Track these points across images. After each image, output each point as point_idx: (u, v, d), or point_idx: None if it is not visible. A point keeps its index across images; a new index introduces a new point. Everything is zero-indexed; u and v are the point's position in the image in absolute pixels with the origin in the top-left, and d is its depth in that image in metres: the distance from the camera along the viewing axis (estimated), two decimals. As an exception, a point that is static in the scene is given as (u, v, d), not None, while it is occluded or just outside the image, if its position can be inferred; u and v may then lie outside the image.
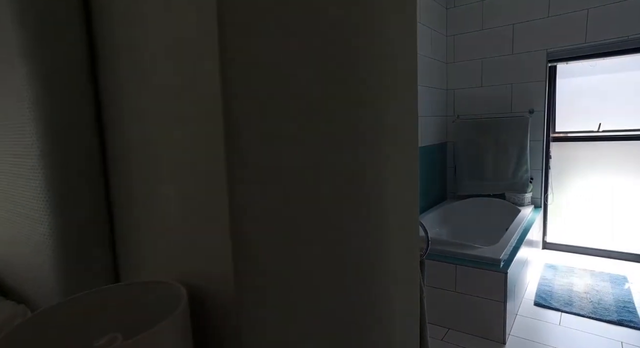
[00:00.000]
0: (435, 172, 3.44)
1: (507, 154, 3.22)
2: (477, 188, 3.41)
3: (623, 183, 3.05)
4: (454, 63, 3.49)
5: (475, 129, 3.36)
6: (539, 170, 3.21)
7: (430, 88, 3.24)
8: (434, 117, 3.35)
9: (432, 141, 3.33)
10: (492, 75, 3.30)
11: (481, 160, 3.35)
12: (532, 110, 3.15)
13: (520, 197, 3.19)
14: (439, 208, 3.31)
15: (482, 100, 3.38)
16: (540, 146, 3.18)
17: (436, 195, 3.52)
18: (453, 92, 3.53)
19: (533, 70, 3.11)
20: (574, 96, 3.19)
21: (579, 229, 3.24)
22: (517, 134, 3.17)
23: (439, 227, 3.23)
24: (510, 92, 3.24)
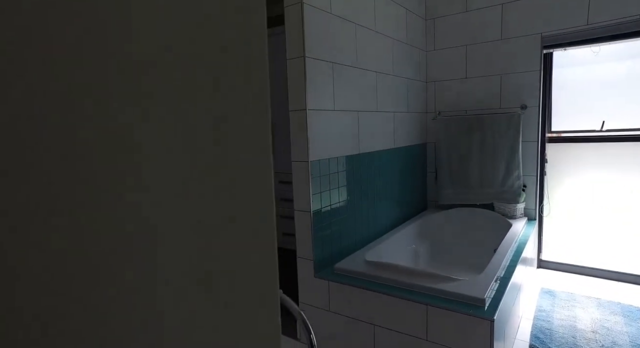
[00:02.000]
0: (413, 177, 2.94)
1: (496, 157, 2.74)
2: (461, 197, 2.91)
3: (633, 192, 2.58)
4: (434, 51, 3.00)
5: (458, 128, 2.87)
6: (533, 176, 2.73)
7: (407, 80, 2.75)
8: (411, 113, 2.85)
9: (409, 141, 2.84)
10: (478, 64, 2.82)
11: (466, 165, 2.86)
12: (524, 106, 2.67)
13: (512, 207, 2.70)
14: (417, 220, 2.81)
15: (466, 94, 2.89)
16: (534, 148, 2.70)
17: (414, 204, 3.02)
18: (433, 84, 3.04)
19: (526, 59, 2.63)
20: (574, 89, 2.72)
21: (580, 245, 2.76)
22: (508, 133, 2.68)
23: (417, 242, 2.72)
24: (499, 85, 2.76)
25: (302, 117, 1.83)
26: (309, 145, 1.84)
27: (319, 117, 1.90)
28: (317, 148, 1.89)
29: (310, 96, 1.83)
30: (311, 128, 1.85)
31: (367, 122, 2.30)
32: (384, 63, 2.44)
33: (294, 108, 1.87)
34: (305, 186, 1.88)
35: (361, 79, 2.22)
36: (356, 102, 2.18)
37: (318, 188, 1.92)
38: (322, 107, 1.92)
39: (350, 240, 2.20)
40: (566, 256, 2.78)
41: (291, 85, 1.86)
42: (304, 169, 1.86)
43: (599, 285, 2.51)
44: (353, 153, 2.18)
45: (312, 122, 1.85)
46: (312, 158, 1.86)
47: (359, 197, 2.27)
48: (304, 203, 1.89)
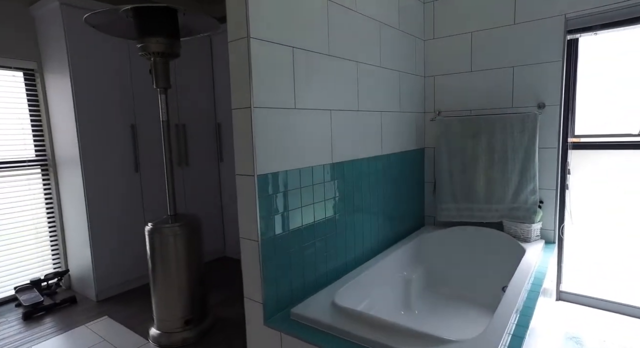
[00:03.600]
0: (407, 189, 2.47)
1: (507, 166, 2.26)
2: (464, 214, 2.44)
3: (676, 212, 2.08)
4: (434, 40, 2.53)
5: (462, 131, 2.39)
6: (552, 190, 2.24)
7: (399, 73, 2.28)
8: (405, 113, 2.39)
9: (403, 146, 2.37)
10: (487, 55, 2.34)
11: (470, 175, 2.39)
12: (542, 105, 2.19)
13: (525, 228, 2.22)
14: (411, 241, 2.34)
15: (472, 90, 2.42)
16: (553, 156, 2.21)
17: (408, 222, 2.55)
18: (433, 79, 2.57)
19: (545, 47, 2.15)
20: (603, 84, 2.22)
21: (609, 276, 2.26)
22: (522, 138, 2.20)
23: (409, 268, 2.26)
24: (511, 79, 2.28)
25: (246, 118, 1.39)
26: (255, 153, 1.40)
27: (273, 117, 1.46)
28: (268, 158, 1.45)
29: (258, 90, 1.39)
30: (260, 132, 1.41)
31: (343, 124, 1.85)
32: (367, 52, 1.99)
33: (236, 105, 1.43)
34: (250, 207, 1.44)
35: (335, 71, 1.77)
36: (328, 99, 1.74)
37: (270, 210, 1.47)
38: (277, 105, 1.48)
39: (319, 271, 1.75)
40: (591, 287, 2.29)
41: (233, 75, 1.42)
42: (249, 186, 1.42)
43: (637, 327, 2.01)
44: (324, 163, 1.74)
45: (260, 124, 1.41)
46: (260, 171, 1.42)
47: (334, 218, 1.82)
48: (250, 229, 1.45)
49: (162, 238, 1.97)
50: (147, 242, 2.00)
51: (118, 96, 2.60)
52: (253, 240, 1.45)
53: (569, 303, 2.28)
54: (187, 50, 3.00)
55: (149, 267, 2.01)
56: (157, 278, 2.00)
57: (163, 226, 1.98)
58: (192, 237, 2.05)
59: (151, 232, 1.98)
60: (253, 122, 1.38)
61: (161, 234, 1.97)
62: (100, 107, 2.51)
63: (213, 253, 3.36)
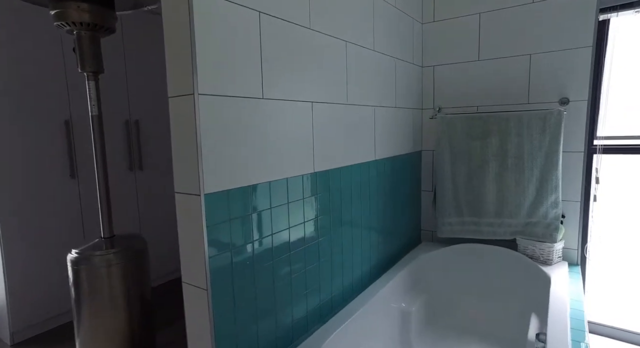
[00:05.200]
0: (403, 200, 2.07)
1: (523, 173, 1.88)
2: (469, 229, 2.06)
3: None
4: (434, 23, 2.14)
5: (468, 131, 2.00)
6: (577, 202, 1.88)
7: (395, 60, 1.87)
8: (402, 109, 1.98)
9: (398, 149, 1.97)
10: (498, 40, 1.96)
11: (478, 183, 2.00)
12: (565, 100, 1.82)
13: (546, 248, 1.85)
14: (407, 264, 1.94)
15: (479, 83, 2.04)
16: (578, 161, 1.85)
17: (404, 237, 2.15)
18: (432, 70, 2.18)
19: (571, 29, 1.78)
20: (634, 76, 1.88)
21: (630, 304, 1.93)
22: (542, 140, 1.83)
23: (407, 298, 1.86)
24: (527, 69, 1.90)
25: (187, 110, 0.95)
26: (201, 162, 0.95)
27: (231, 110, 1.02)
28: (222, 168, 1.01)
29: (205, 68, 0.95)
30: (209, 130, 0.96)
31: (329, 120, 1.42)
32: (358, 30, 1.57)
33: (173, 91, 0.98)
34: (195, 241, 0.99)
35: (319, 50, 1.34)
36: (309, 87, 1.31)
37: (224, 243, 1.03)
38: (238, 92, 1.04)
39: (298, 314, 1.32)
40: (619, 317, 1.95)
41: (169, 46, 0.97)
42: (193, 209, 0.97)
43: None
44: (304, 172, 1.31)
45: (210, 119, 0.97)
46: (209, 188, 0.97)
47: (316, 243, 1.39)
48: (195, 271, 1.01)
49: (90, 271, 1.49)
50: (69, 275, 1.52)
51: (48, 87, 2.09)
52: (200, 288, 1.00)
53: (602, 338, 1.92)
54: (143, 30, 2.51)
55: (73, 308, 1.53)
56: (82, 322, 1.52)
57: (93, 254, 1.51)
58: (134, 266, 1.58)
59: (76, 262, 1.50)
60: (198, 116, 0.93)
61: (90, 265, 1.49)
62: (23, 99, 1.99)
63: (174, 272, 2.88)
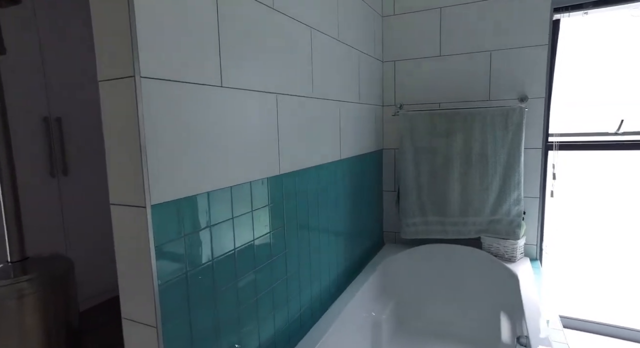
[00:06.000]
0: (365, 201, 1.96)
1: (487, 170, 1.86)
2: (434, 229, 2.00)
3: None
4: (395, 16, 2.06)
5: (431, 129, 1.95)
6: (536, 198, 1.90)
7: (360, 54, 1.75)
8: (365, 105, 1.87)
9: (362, 148, 1.85)
10: (459, 36, 1.92)
11: (442, 182, 1.96)
12: (524, 97, 1.83)
13: (509, 245, 1.84)
14: (377, 269, 1.83)
15: (440, 79, 1.99)
16: (537, 158, 1.87)
17: (368, 240, 2.04)
18: (393, 65, 2.10)
19: (528, 28, 1.79)
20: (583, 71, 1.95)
21: (593, 295, 2.01)
22: (505, 137, 1.82)
23: (377, 306, 1.75)
24: (488, 66, 1.89)
25: (127, 97, 0.73)
26: (146, 164, 0.74)
27: (181, 99, 0.82)
28: (173, 172, 0.80)
29: (148, 44, 0.74)
30: (156, 124, 0.75)
31: (294, 115, 1.25)
32: (323, 17, 1.42)
33: (105, 73, 0.75)
34: (140, 265, 0.77)
35: (283, 35, 1.17)
36: (273, 76, 1.13)
37: (178, 267, 0.82)
38: (190, 77, 0.83)
39: (265, 335, 1.14)
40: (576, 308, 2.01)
41: (98, 18, 0.74)
42: (136, 225, 0.76)
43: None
44: (269, 174, 1.13)
45: (157, 110, 0.76)
46: (158, 197, 0.76)
47: (283, 255, 1.22)
48: (140, 303, 0.79)
49: (-5, 304, 1.18)
50: (-34, 312, 1.19)
51: None
52: (147, 325, 0.78)
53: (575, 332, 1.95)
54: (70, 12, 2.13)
55: (-27, 353, 1.20)
56: (-12, 371, 1.20)
57: (-2, 282, 1.19)
58: (55, 294, 1.29)
59: (-26, 294, 1.18)
60: (141, 105, 0.72)
61: (-6, 297, 1.18)
62: None
63: (111, 290, 2.51)
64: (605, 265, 2.00)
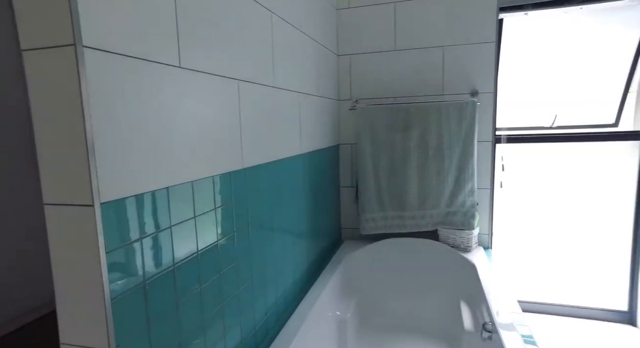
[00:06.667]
0: (324, 196, 1.91)
1: (443, 163, 1.90)
2: (393, 223, 2.01)
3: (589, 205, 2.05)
4: (349, 9, 2.03)
5: (390, 123, 1.95)
6: (487, 189, 1.98)
7: (318, 45, 1.69)
8: (322, 98, 1.82)
9: (320, 142, 1.79)
10: (413, 31, 1.94)
11: (400, 177, 1.96)
12: (475, 92, 1.90)
13: (465, 236, 1.90)
14: (338, 268, 1.78)
15: (396, 73, 2.00)
16: (487, 150, 1.95)
17: (328, 236, 1.99)
18: (348, 58, 2.07)
19: (477, 25, 1.86)
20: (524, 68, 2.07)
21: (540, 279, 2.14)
22: (459, 130, 1.87)
23: (341, 305, 1.70)
24: (441, 61, 1.93)
25: (64, 70, 0.59)
26: (93, 154, 0.61)
27: (135, 77, 0.69)
28: (130, 162, 0.67)
29: (94, 5, 0.61)
30: (105, 104, 0.62)
31: (256, 105, 1.16)
32: (284, 2, 1.33)
33: (34, 41, 0.61)
34: (88, 277, 0.64)
35: (244, 17, 1.07)
36: (235, 60, 1.02)
37: (133, 276, 0.70)
38: (146, 54, 0.71)
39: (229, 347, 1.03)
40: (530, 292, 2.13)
41: (24, -32, 0.60)
42: (84, 227, 0.62)
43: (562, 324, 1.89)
44: (231, 169, 1.02)
45: (105, 87, 0.63)
46: (107, 194, 0.63)
47: (248, 259, 1.12)
48: (87, 325, 0.65)
49: None
50: None
51: None
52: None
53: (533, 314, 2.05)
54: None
55: None
56: None
57: None
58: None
59: None
60: (85, 82, 0.59)
61: None
62: None
63: (40, 307, 2.19)
64: (547, 249, 2.14)
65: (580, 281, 2.07)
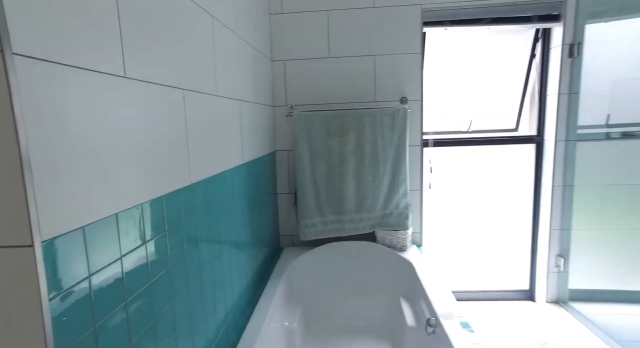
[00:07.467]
0: (263, 205, 1.86)
1: (378, 168, 1.98)
2: (332, 228, 2.04)
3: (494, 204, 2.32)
4: (282, 14, 2.01)
5: (327, 129, 1.97)
6: (418, 191, 2.12)
7: (255, 51, 1.63)
8: (260, 105, 1.76)
9: (256, 152, 1.74)
10: (346, 39, 2.00)
11: (338, 181, 2.00)
12: (404, 99, 2.02)
13: (401, 236, 2.01)
14: (281, 277, 1.75)
15: (331, 80, 2.03)
16: (417, 154, 2.09)
17: (268, 246, 1.95)
18: (283, 64, 2.05)
19: (404, 36, 1.98)
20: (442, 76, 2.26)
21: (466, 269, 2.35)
22: (392, 135, 1.97)
23: (288, 315, 1.68)
24: (373, 69, 2.01)
25: None
26: (30, 181, 0.50)
27: (76, 91, 0.59)
28: (69, 191, 0.57)
29: (25, 7, 0.50)
30: (40, 121, 0.52)
31: (201, 115, 1.08)
32: (221, 5, 1.26)
33: (-54, 44, 0.48)
34: (28, 327, 0.52)
35: (187, 19, 0.98)
36: (180, 68, 0.94)
37: (84, 325, 0.60)
38: (87, 63, 0.61)
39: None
40: (449, 283, 2.32)
41: None
42: (20, 274, 0.51)
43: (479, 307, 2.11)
44: (180, 186, 0.93)
45: (39, 103, 0.52)
46: (51, 228, 0.53)
47: (199, 286, 1.04)
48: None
49: None
50: None
51: None
52: None
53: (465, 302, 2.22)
54: None
55: None
56: None
57: None
58: None
59: None
60: (17, 97, 0.49)
61: None
62: None
63: None
64: (466, 242, 2.37)
65: (494, 268, 2.33)
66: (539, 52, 2.09)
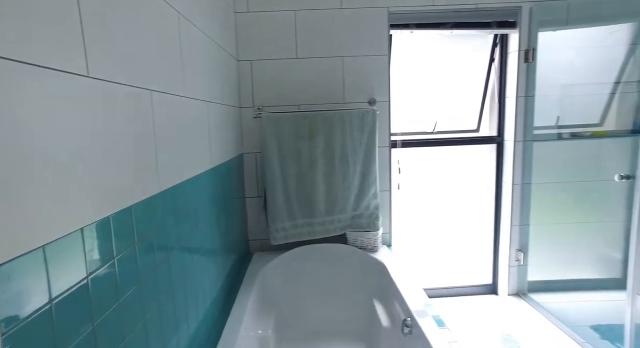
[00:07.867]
0: (231, 210, 1.80)
1: (348, 169, 1.98)
2: (303, 231, 2.01)
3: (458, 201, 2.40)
4: (248, 13, 1.95)
5: (296, 131, 1.94)
6: (387, 191, 2.14)
7: (220, 49, 1.56)
8: (227, 107, 1.70)
9: (224, 155, 1.67)
10: (315, 40, 1.97)
11: (309, 183, 1.98)
12: (373, 101, 2.03)
13: (372, 237, 2.02)
14: (253, 283, 1.70)
15: (299, 81, 2.00)
16: (385, 155, 2.11)
17: (237, 252, 1.89)
18: (249, 64, 1.99)
19: (372, 38, 1.99)
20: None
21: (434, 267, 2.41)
22: (361, 137, 1.97)
23: (262, 323, 1.63)
24: (341, 70, 2.01)
25: None
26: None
27: (33, 90, 0.52)
28: (23, 209, 0.51)
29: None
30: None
31: (170, 119, 1.01)
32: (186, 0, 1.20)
33: None
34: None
35: (153, 15, 0.91)
36: (147, 67, 0.87)
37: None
38: (44, 60, 0.54)
39: None
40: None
41: None
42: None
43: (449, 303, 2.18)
44: (150, 194, 0.87)
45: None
46: (6, 250, 0.46)
47: (171, 301, 0.97)
48: None
49: None
50: None
51: None
52: None
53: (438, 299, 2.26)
54: None
55: None
56: None
57: None
58: None
59: None
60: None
61: None
62: None
63: None
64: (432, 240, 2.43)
65: (459, 264, 2.41)
66: (498, 57, 2.18)
